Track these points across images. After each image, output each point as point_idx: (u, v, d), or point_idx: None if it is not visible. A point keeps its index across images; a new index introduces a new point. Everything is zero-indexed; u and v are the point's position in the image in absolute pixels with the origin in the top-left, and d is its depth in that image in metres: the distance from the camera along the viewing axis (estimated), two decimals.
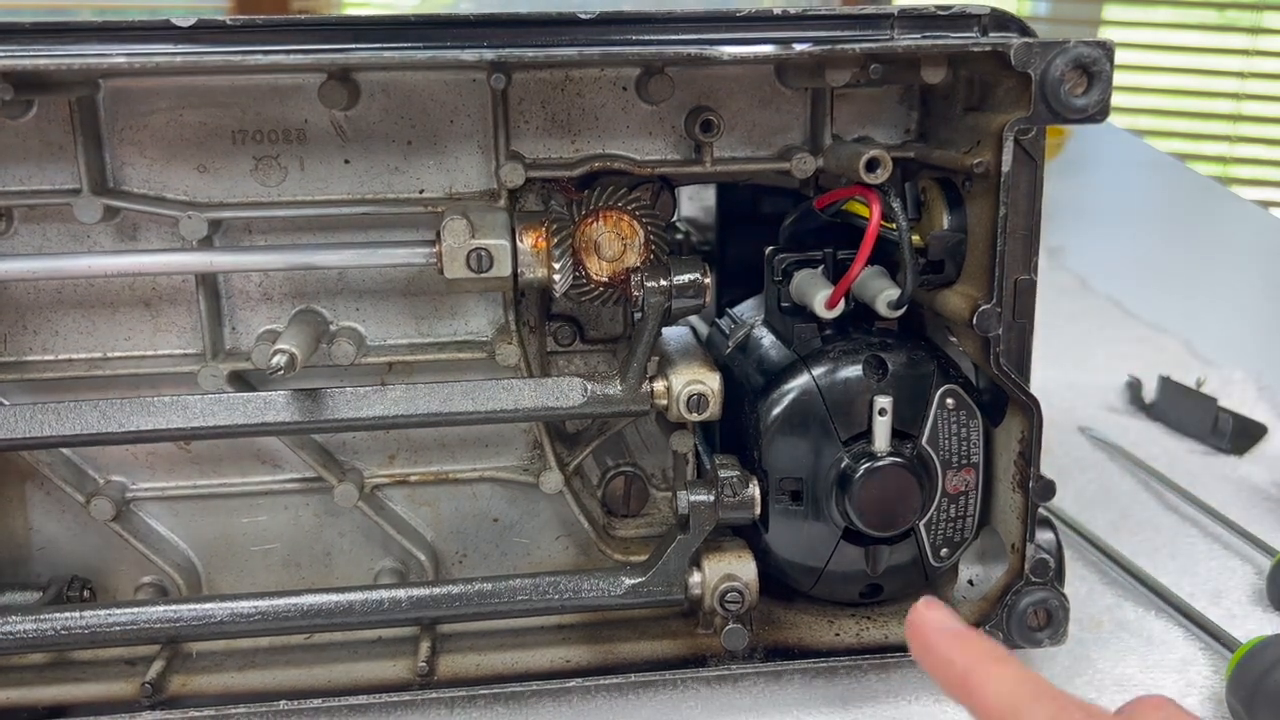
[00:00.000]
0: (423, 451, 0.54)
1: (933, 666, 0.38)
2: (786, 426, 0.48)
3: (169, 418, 0.46)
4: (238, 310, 0.51)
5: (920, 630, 0.38)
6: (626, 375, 0.48)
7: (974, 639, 0.37)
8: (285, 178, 0.50)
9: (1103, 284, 1.08)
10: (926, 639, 0.38)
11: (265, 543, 0.54)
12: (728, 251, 0.68)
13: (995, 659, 0.36)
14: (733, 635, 0.48)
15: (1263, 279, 1.18)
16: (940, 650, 0.38)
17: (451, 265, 0.47)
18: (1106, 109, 0.44)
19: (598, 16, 0.44)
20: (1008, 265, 0.46)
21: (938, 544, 0.50)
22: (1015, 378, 0.47)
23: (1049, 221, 0.47)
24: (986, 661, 0.36)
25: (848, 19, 0.46)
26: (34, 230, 0.49)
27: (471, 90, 0.50)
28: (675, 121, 0.51)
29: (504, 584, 0.48)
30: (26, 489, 0.52)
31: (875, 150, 0.46)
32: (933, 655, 0.38)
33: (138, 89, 0.48)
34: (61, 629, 0.45)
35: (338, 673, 0.49)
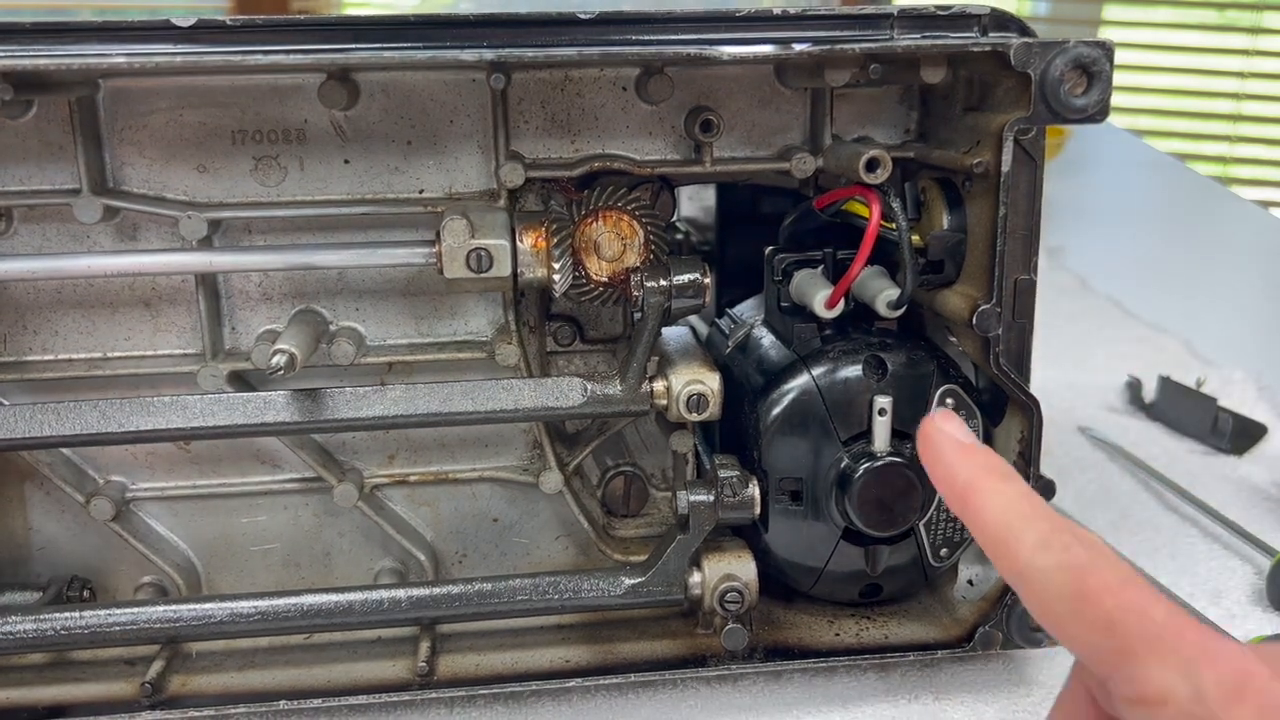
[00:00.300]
0: (422, 451, 0.54)
1: (938, 478, 0.38)
2: (786, 426, 0.48)
3: (169, 418, 0.46)
4: (237, 310, 0.51)
5: (931, 440, 0.39)
6: (626, 375, 0.48)
7: (980, 454, 0.38)
8: (285, 178, 0.50)
9: (1103, 284, 1.08)
10: (937, 450, 0.38)
11: (265, 543, 0.54)
12: (728, 251, 0.68)
13: (997, 475, 0.37)
14: (732, 635, 0.49)
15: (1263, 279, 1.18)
16: (946, 461, 0.38)
17: (451, 265, 0.47)
18: (1106, 109, 0.44)
19: (597, 16, 0.44)
20: (1007, 265, 0.46)
21: (937, 544, 0.50)
22: (1015, 378, 0.47)
23: (1049, 221, 0.47)
24: (987, 477, 0.37)
25: (847, 19, 0.46)
26: (34, 230, 0.49)
27: (471, 90, 0.50)
28: (675, 121, 0.51)
29: (504, 584, 0.48)
30: (26, 489, 0.52)
31: (875, 150, 0.46)
32: (939, 466, 0.38)
33: (138, 89, 0.48)
34: (61, 629, 0.45)
35: (338, 673, 0.49)
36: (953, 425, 0.39)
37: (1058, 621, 0.34)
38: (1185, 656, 0.31)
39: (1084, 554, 0.34)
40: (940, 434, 0.39)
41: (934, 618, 0.52)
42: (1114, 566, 0.34)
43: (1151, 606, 0.32)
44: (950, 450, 0.38)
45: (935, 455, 0.39)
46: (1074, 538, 0.34)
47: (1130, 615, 0.32)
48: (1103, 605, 0.32)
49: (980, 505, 0.36)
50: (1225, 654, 0.31)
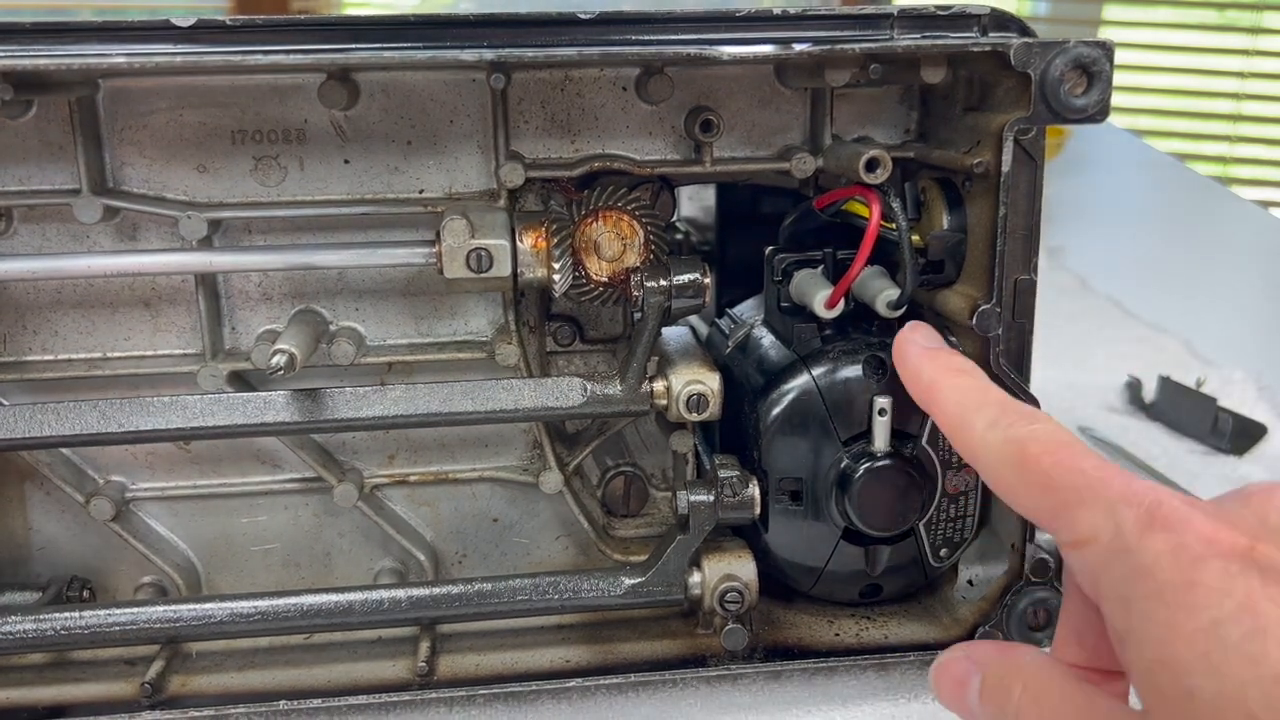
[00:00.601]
0: (422, 451, 0.54)
1: (907, 380, 0.43)
2: (786, 426, 0.48)
3: (169, 418, 0.46)
4: (237, 310, 0.51)
5: (900, 348, 0.44)
6: (626, 375, 0.48)
7: (942, 354, 0.42)
8: (285, 178, 0.50)
9: (1103, 284, 1.08)
10: (904, 355, 0.43)
11: (265, 543, 0.54)
12: (728, 251, 0.68)
13: (956, 370, 0.41)
14: (732, 635, 0.49)
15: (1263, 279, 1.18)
16: (912, 364, 0.42)
17: (451, 265, 0.47)
18: (1106, 109, 0.44)
19: (597, 16, 0.44)
20: (1007, 265, 0.46)
21: (937, 544, 0.50)
22: (1015, 378, 0.47)
23: (1049, 221, 0.47)
24: (947, 374, 0.41)
25: (847, 19, 0.46)
26: (34, 230, 0.49)
27: (471, 90, 0.50)
28: (675, 121, 0.51)
29: (504, 584, 0.48)
30: (26, 489, 0.52)
31: (875, 150, 0.46)
32: (906, 368, 0.43)
33: (137, 89, 0.48)
34: (61, 629, 0.45)
35: (338, 673, 0.49)
36: (921, 334, 0.44)
37: (1007, 489, 0.37)
38: (1108, 499, 0.33)
39: (1026, 427, 0.37)
40: (908, 342, 0.44)
41: (934, 618, 0.52)
42: (1052, 434, 0.37)
43: (1081, 461, 0.35)
44: (915, 354, 0.43)
45: (903, 359, 0.43)
46: (1019, 415, 0.38)
47: (1063, 471, 0.35)
48: (1040, 466, 0.36)
49: (940, 398, 0.41)
50: (1141, 492, 0.33)
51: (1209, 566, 0.30)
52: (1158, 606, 0.31)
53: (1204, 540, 0.31)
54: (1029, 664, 0.36)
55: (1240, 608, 0.29)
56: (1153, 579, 0.31)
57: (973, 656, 0.38)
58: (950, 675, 0.38)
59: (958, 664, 0.38)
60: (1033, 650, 0.37)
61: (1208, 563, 0.30)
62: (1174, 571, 0.31)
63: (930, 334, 0.44)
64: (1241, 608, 0.29)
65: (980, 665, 0.37)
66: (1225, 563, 0.30)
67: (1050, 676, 0.36)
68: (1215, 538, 0.31)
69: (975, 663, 0.38)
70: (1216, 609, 0.30)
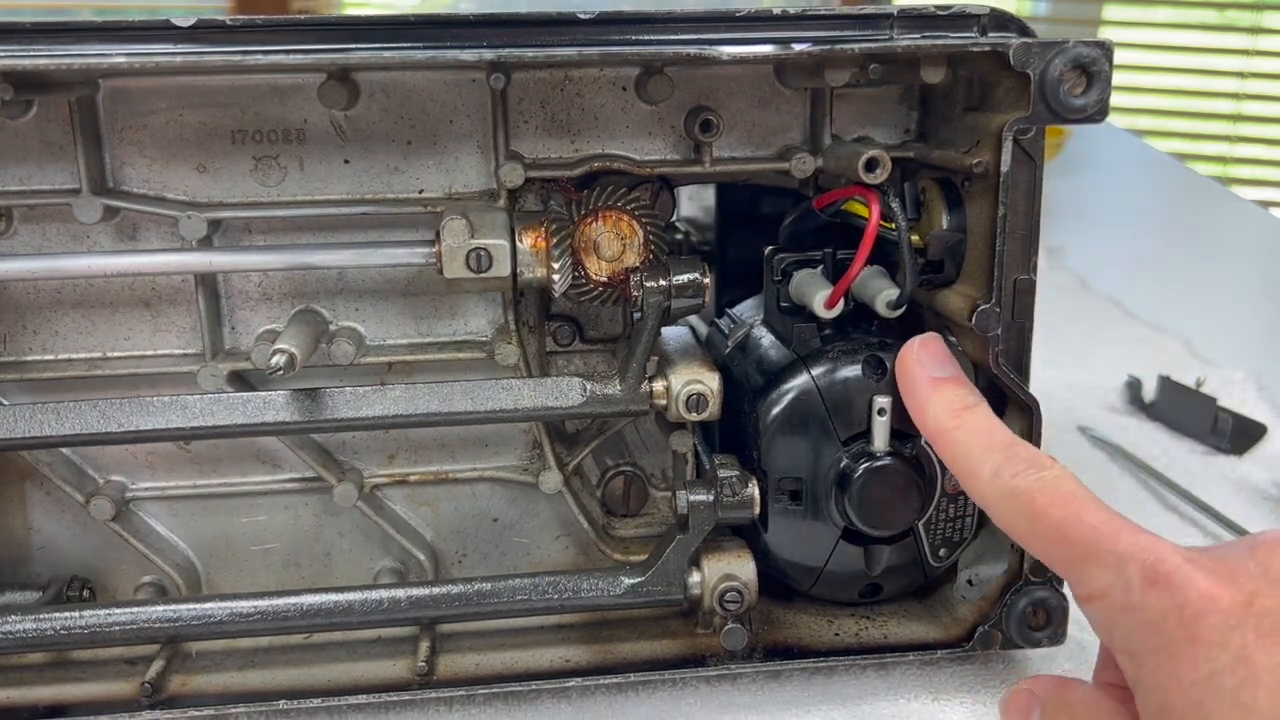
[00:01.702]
0: (422, 451, 0.54)
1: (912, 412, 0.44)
2: (786, 426, 0.48)
3: (169, 418, 0.46)
4: (237, 310, 0.51)
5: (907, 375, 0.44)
6: (626, 375, 0.48)
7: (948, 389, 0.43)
8: (285, 178, 0.50)
9: (1103, 284, 1.08)
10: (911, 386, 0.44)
11: (265, 543, 0.54)
12: (728, 251, 0.68)
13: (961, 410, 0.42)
14: (732, 635, 0.49)
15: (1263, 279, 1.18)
16: (919, 400, 0.44)
17: (451, 265, 0.47)
18: (1106, 109, 0.44)
19: (597, 16, 0.44)
20: (1007, 265, 0.46)
21: (937, 544, 0.50)
22: (1015, 378, 0.47)
23: (1049, 221, 0.47)
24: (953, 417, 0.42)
25: (847, 19, 0.46)
26: (34, 230, 0.49)
27: (471, 90, 0.50)
28: (675, 121, 0.51)
29: (504, 584, 0.48)
30: (26, 489, 0.52)
31: (874, 150, 0.46)
32: (913, 403, 0.44)
33: (137, 89, 0.48)
34: (61, 629, 0.45)
35: (338, 673, 0.49)
36: (930, 354, 0.45)
37: (1020, 538, 0.39)
38: (1117, 556, 0.35)
39: (1032, 478, 0.39)
40: (916, 364, 0.44)
41: (934, 617, 0.52)
42: (1058, 484, 0.38)
43: (1090, 515, 0.37)
44: (923, 388, 0.44)
45: (909, 392, 0.44)
46: (1026, 464, 0.39)
47: (1073, 525, 0.37)
48: (1051, 519, 0.37)
49: (946, 443, 0.42)
50: (1146, 549, 0.35)
51: (1208, 622, 0.32)
52: (1162, 660, 0.33)
53: (1205, 596, 0.33)
54: (1081, 699, 0.40)
55: (1235, 660, 0.31)
56: (1158, 634, 0.33)
57: (1035, 690, 0.41)
58: (1016, 706, 0.42)
59: (1022, 695, 0.42)
60: (1086, 686, 0.41)
61: (1207, 618, 0.33)
62: (1177, 627, 0.33)
63: (938, 356, 0.45)
64: (1237, 659, 0.31)
65: (1041, 697, 0.41)
66: (1224, 617, 0.32)
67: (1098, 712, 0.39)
68: (1215, 594, 0.33)
69: (1036, 696, 0.41)
70: (1214, 662, 0.32)
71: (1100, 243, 1.24)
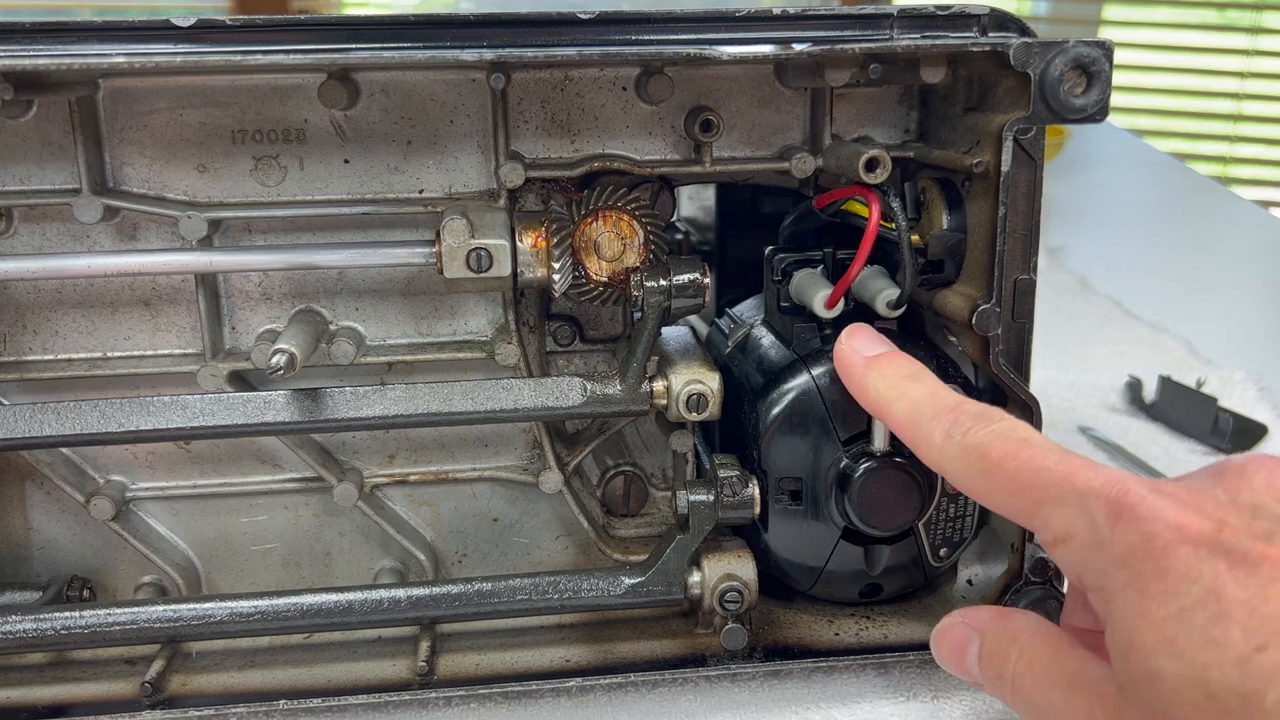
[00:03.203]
0: (422, 451, 0.54)
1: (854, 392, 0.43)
2: (786, 426, 0.48)
3: (169, 418, 0.46)
4: (237, 310, 0.51)
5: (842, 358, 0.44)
6: (626, 375, 0.48)
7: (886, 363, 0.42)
8: (285, 177, 0.50)
9: (1103, 284, 1.08)
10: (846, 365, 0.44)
11: (265, 543, 0.54)
12: (728, 251, 0.68)
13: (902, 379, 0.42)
14: (732, 635, 0.49)
15: (1263, 279, 1.18)
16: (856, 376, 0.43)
17: (451, 265, 0.47)
18: (1106, 109, 0.44)
19: (597, 16, 0.44)
20: (1007, 265, 0.46)
21: (937, 544, 0.50)
22: (1015, 378, 0.47)
23: (1049, 221, 0.47)
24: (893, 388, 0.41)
25: (847, 19, 0.46)
26: (34, 230, 0.49)
27: (471, 90, 0.50)
28: (675, 121, 0.51)
29: (504, 584, 0.48)
30: (26, 489, 0.52)
31: (875, 150, 0.46)
32: (853, 386, 0.43)
33: (137, 89, 0.48)
34: (61, 629, 0.45)
35: (338, 673, 0.49)
36: (861, 340, 0.44)
37: (978, 495, 0.38)
38: (1077, 494, 0.34)
39: (983, 431, 0.37)
40: (849, 351, 0.44)
41: (934, 617, 0.52)
42: (1008, 434, 0.37)
43: (1043, 458, 0.36)
44: (859, 369, 0.43)
45: (846, 372, 0.43)
46: (974, 419, 0.38)
47: (1028, 472, 0.35)
48: (1005, 470, 0.36)
49: (892, 412, 0.41)
50: (1109, 483, 0.34)
51: (1177, 554, 0.31)
52: (1132, 595, 0.32)
53: (1172, 527, 0.32)
54: (1025, 629, 0.37)
55: (1206, 593, 0.30)
56: (1127, 569, 0.32)
57: (970, 622, 0.39)
58: (950, 640, 0.39)
59: (957, 629, 0.39)
60: (1028, 615, 0.38)
61: (1176, 550, 0.31)
62: (1145, 561, 0.32)
63: (869, 337, 0.44)
64: (1207, 593, 0.30)
65: (979, 630, 0.38)
66: (1193, 549, 0.31)
67: (1045, 642, 0.36)
68: (1183, 523, 0.32)
69: (974, 628, 0.39)
70: (1185, 596, 0.30)
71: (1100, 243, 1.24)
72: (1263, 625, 0.29)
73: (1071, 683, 0.35)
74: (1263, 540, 0.30)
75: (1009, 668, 0.37)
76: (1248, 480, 0.33)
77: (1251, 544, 0.30)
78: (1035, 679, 0.36)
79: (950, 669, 0.40)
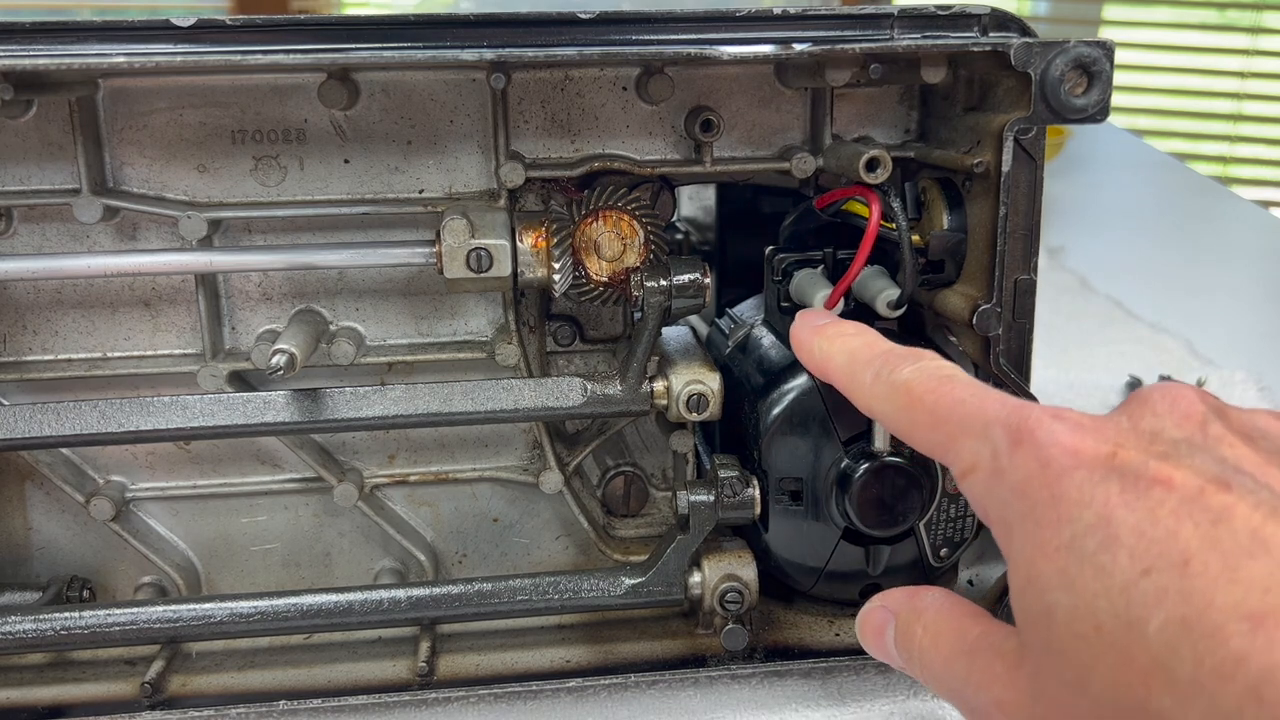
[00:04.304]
0: (422, 451, 0.54)
1: (803, 358, 0.44)
2: (786, 426, 0.48)
3: (169, 418, 0.46)
4: (237, 310, 0.51)
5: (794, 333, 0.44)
6: (626, 375, 0.48)
7: (830, 325, 0.43)
8: (285, 177, 0.50)
9: (1103, 284, 1.08)
10: (797, 338, 0.44)
11: (265, 543, 0.54)
12: (728, 251, 0.68)
13: (843, 334, 0.42)
14: (732, 635, 0.49)
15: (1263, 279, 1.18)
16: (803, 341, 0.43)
17: (451, 265, 0.47)
18: (1106, 109, 0.44)
19: (597, 16, 0.44)
20: (1007, 265, 0.46)
21: (937, 544, 0.50)
22: (1015, 378, 0.47)
23: (1049, 221, 0.47)
24: (836, 339, 0.42)
25: (848, 19, 0.46)
26: (34, 230, 0.49)
27: (471, 90, 0.50)
28: (675, 121, 0.51)
29: (504, 584, 0.48)
30: (26, 489, 0.52)
31: (875, 150, 0.46)
32: (801, 351, 0.44)
33: (137, 89, 0.48)
34: (61, 629, 0.45)
35: (338, 673, 0.49)
36: (811, 315, 0.45)
37: (903, 433, 0.37)
38: (985, 421, 0.33)
39: (908, 370, 0.37)
40: (799, 326, 0.44)
41: None
42: (932, 371, 0.37)
43: (960, 391, 0.35)
44: (804, 334, 0.43)
45: (798, 349, 0.44)
46: (901, 359, 0.38)
47: (945, 405, 0.35)
48: (925, 404, 0.35)
49: (831, 364, 0.41)
50: (1013, 410, 0.32)
51: (1071, 479, 0.30)
52: (1029, 525, 0.30)
53: (1068, 452, 0.30)
54: (929, 605, 0.36)
55: (1097, 518, 0.28)
56: (1024, 498, 0.31)
57: (887, 605, 0.38)
58: (871, 624, 0.39)
59: (876, 613, 0.39)
60: (935, 591, 0.37)
61: (1070, 475, 0.30)
62: (1040, 488, 0.30)
63: (818, 313, 0.45)
64: (1099, 518, 0.28)
65: (893, 612, 0.38)
66: (1087, 473, 0.29)
67: (947, 614, 0.36)
68: (1078, 448, 0.30)
69: (889, 610, 0.38)
70: (1076, 523, 0.29)
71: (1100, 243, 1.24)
72: (1149, 548, 0.27)
73: (973, 650, 0.34)
74: (1156, 460, 0.29)
75: (915, 644, 0.36)
76: (1150, 406, 0.31)
77: (1145, 465, 0.29)
78: (939, 651, 0.35)
79: (874, 654, 0.39)
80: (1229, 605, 0.25)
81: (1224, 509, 0.27)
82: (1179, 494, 0.28)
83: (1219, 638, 0.25)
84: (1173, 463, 0.29)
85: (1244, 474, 0.28)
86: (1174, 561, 0.26)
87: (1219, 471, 0.28)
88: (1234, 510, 0.27)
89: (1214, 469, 0.28)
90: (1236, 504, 0.27)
